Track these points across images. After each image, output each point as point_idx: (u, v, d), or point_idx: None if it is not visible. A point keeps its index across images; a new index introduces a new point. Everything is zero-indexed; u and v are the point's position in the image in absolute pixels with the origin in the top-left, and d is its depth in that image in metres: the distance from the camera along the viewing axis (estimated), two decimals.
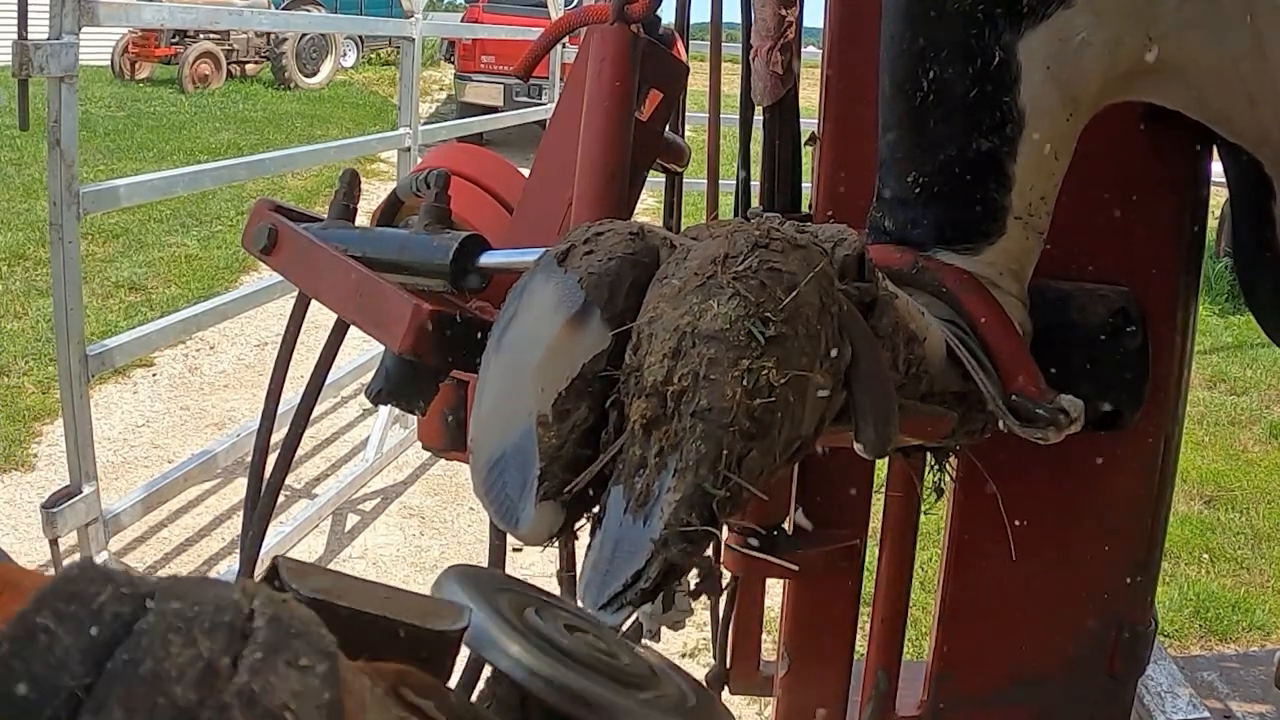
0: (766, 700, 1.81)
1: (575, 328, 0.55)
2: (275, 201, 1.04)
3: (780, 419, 0.51)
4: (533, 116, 6.45)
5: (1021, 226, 0.82)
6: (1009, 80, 0.77)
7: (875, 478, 1.14)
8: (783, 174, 1.19)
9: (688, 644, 2.88)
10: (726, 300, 0.51)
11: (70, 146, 2.34)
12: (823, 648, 1.16)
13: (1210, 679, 2.16)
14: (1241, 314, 5.93)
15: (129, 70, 12.53)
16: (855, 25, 1.03)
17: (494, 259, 0.91)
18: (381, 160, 8.52)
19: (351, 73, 15.19)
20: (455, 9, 19.37)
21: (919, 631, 1.90)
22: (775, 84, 1.16)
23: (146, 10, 3.18)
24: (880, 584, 1.14)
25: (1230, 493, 4.06)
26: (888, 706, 1.13)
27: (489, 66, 10.81)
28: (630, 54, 1.03)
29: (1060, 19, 0.76)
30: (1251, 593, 3.38)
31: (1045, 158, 0.81)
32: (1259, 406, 5.02)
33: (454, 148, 1.43)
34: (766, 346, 0.50)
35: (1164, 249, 1.02)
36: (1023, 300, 0.85)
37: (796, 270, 0.53)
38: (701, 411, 0.50)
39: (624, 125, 1.03)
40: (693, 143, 1.49)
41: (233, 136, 9.99)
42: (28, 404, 4.17)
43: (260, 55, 13.39)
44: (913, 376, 0.72)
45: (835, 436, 0.61)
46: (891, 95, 0.83)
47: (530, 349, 0.56)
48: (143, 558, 3.14)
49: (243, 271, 6.03)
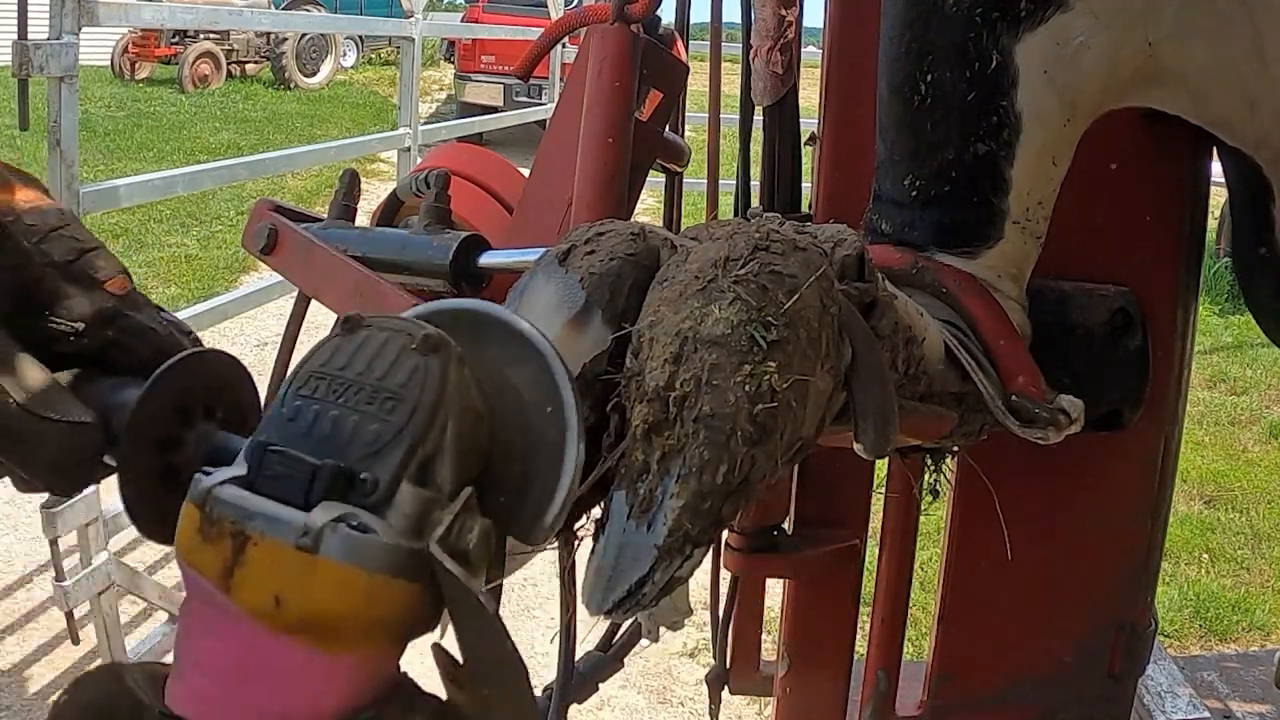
0: (766, 700, 1.81)
1: (576, 328, 0.55)
2: (275, 201, 1.04)
3: (782, 423, 0.51)
4: (533, 116, 6.46)
5: (1019, 231, 0.82)
6: (1006, 84, 0.77)
7: (875, 478, 1.14)
8: (783, 174, 1.19)
9: (688, 644, 2.88)
10: (728, 305, 0.51)
11: (70, 146, 2.35)
12: (823, 648, 1.16)
13: (1210, 679, 2.16)
14: (1241, 314, 5.93)
15: (129, 70, 12.53)
16: (855, 25, 1.03)
17: (494, 259, 0.91)
18: (381, 160, 8.52)
19: (351, 73, 15.18)
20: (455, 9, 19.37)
21: (919, 631, 1.90)
22: (775, 84, 1.16)
23: (146, 10, 3.18)
24: (880, 584, 1.14)
25: (1230, 493, 4.06)
26: (888, 706, 1.13)
27: (489, 66, 10.81)
28: (630, 54, 1.04)
29: (1058, 22, 0.76)
30: (1251, 593, 3.38)
31: (1043, 163, 0.81)
32: (1259, 406, 5.02)
33: (454, 148, 1.43)
34: (768, 351, 0.50)
35: (1164, 249, 1.02)
36: (1021, 303, 0.85)
37: (797, 273, 0.53)
38: (704, 417, 0.50)
39: (624, 125, 1.03)
40: (693, 143, 1.49)
41: (233, 136, 9.99)
42: None
43: (260, 55, 13.39)
44: (912, 377, 0.72)
45: (835, 436, 0.61)
46: (889, 98, 0.83)
47: None
48: (142, 558, 3.14)
49: (243, 271, 6.03)
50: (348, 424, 0.42)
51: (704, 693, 1.36)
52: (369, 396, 0.42)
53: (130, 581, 2.37)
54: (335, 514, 0.39)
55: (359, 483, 0.40)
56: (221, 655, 0.40)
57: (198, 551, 0.41)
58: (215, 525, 0.40)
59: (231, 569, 0.40)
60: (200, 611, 0.41)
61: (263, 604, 0.39)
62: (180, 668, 0.42)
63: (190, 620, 0.42)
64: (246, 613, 0.39)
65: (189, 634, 0.42)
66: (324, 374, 0.44)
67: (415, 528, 0.41)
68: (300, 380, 0.44)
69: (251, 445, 0.43)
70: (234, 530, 0.40)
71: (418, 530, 0.41)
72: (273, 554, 0.39)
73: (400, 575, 0.40)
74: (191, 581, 0.41)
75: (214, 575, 0.40)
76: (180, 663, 0.42)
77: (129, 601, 2.62)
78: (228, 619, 0.40)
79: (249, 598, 0.39)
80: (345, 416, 0.42)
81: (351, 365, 0.44)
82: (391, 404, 0.42)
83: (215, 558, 0.40)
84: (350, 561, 0.39)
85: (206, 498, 0.41)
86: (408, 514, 0.41)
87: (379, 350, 0.44)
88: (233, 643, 0.40)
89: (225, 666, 0.40)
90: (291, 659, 0.39)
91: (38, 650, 2.77)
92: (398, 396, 0.42)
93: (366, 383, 0.43)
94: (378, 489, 0.40)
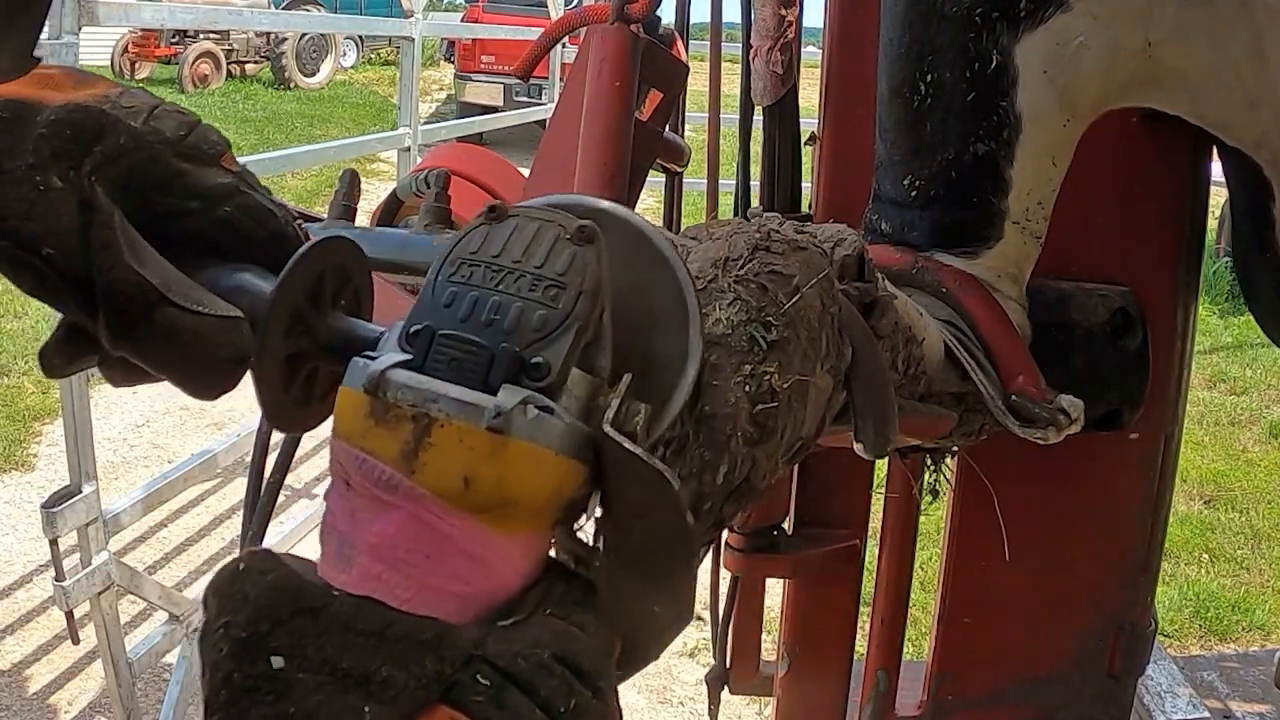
0: (766, 700, 1.81)
1: None
2: None
3: (783, 423, 0.51)
4: (533, 116, 6.45)
5: (1019, 231, 0.82)
6: (1006, 84, 0.77)
7: (875, 477, 1.14)
8: (783, 174, 1.19)
9: (688, 644, 2.88)
10: (728, 305, 0.51)
11: None
12: (823, 648, 1.16)
13: (1210, 679, 2.16)
14: (1241, 314, 5.93)
15: (129, 70, 12.52)
16: (855, 25, 1.03)
17: None
18: (381, 160, 8.52)
19: (351, 73, 15.18)
20: (455, 9, 19.37)
21: (919, 631, 1.90)
22: (775, 84, 1.17)
23: (146, 10, 3.18)
24: (880, 584, 1.14)
25: (1230, 493, 4.06)
26: (888, 706, 1.13)
27: (489, 66, 10.81)
28: (630, 54, 1.04)
29: (1058, 23, 0.76)
30: (1251, 593, 3.38)
31: (1043, 163, 0.81)
32: (1259, 406, 5.02)
33: (454, 148, 1.43)
34: (769, 351, 0.50)
35: (1164, 249, 1.02)
36: (1021, 303, 0.85)
37: (797, 273, 0.53)
38: (705, 417, 0.50)
39: (624, 125, 1.03)
40: (693, 143, 1.49)
41: (233, 136, 9.92)
42: (27, 404, 4.18)
43: (260, 55, 13.39)
44: (912, 376, 0.72)
45: (835, 436, 0.61)
46: (889, 98, 0.83)
47: None
48: (142, 558, 3.15)
49: None
50: (511, 309, 0.42)
51: (704, 693, 1.36)
52: (531, 283, 0.43)
53: (130, 581, 2.37)
54: (520, 397, 0.40)
55: (531, 367, 0.41)
56: (398, 538, 0.40)
57: (371, 435, 0.40)
58: (392, 409, 0.40)
59: (415, 451, 0.40)
60: (369, 495, 0.41)
61: (452, 485, 0.39)
62: (345, 553, 0.41)
63: (354, 504, 0.41)
64: (433, 494, 0.40)
65: (355, 518, 0.41)
66: (477, 260, 0.44)
67: (585, 411, 0.42)
68: (451, 265, 0.44)
69: (412, 329, 0.43)
70: (415, 413, 0.40)
71: (586, 414, 0.42)
72: (463, 435, 0.39)
73: (578, 456, 0.41)
74: (360, 465, 0.41)
75: (393, 458, 0.40)
76: (344, 548, 0.41)
77: (129, 601, 2.61)
78: (409, 501, 0.40)
79: (436, 479, 0.40)
80: (508, 302, 0.42)
81: (507, 252, 0.44)
82: (554, 291, 0.42)
83: (393, 440, 0.40)
84: (540, 443, 0.40)
85: (380, 381, 0.41)
86: (579, 397, 0.42)
87: (533, 238, 0.44)
88: (412, 525, 0.40)
89: (403, 549, 0.40)
90: (475, 540, 0.40)
91: (38, 650, 2.77)
92: (559, 283, 0.42)
93: (525, 269, 0.43)
94: (551, 373, 0.41)
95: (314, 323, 0.49)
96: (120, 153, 0.50)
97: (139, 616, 2.85)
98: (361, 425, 0.41)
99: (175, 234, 0.53)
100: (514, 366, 0.41)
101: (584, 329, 0.42)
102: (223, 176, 0.55)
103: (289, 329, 0.48)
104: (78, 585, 2.19)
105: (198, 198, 0.53)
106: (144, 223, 0.51)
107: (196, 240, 0.53)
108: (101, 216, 0.48)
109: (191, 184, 0.53)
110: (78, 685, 2.67)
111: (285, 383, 0.49)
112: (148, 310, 0.48)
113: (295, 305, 0.48)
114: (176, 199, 0.53)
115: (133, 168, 0.51)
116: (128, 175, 0.51)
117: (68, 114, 0.49)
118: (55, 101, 0.50)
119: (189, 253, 0.53)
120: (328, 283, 0.50)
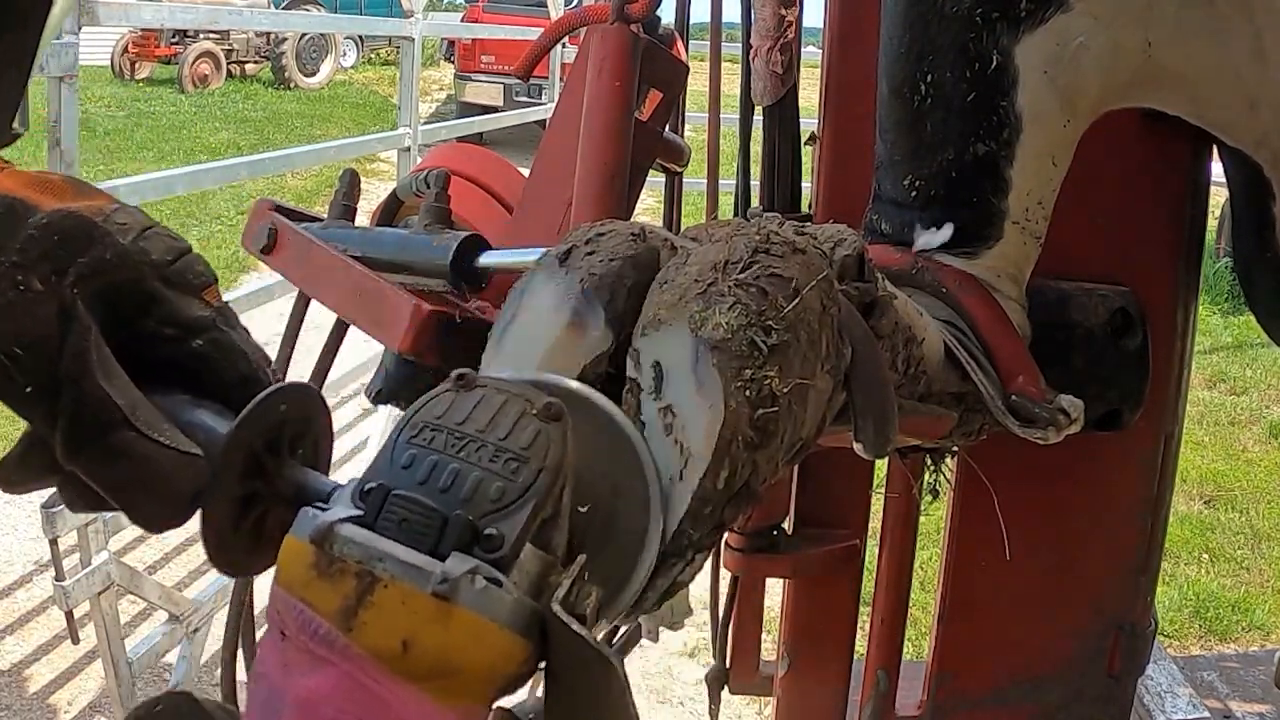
0: (766, 700, 1.81)
1: (577, 329, 0.55)
2: (275, 201, 1.03)
3: (783, 426, 0.51)
4: (533, 116, 6.45)
5: (1019, 231, 0.82)
6: (1006, 84, 0.77)
7: (875, 477, 1.14)
8: (783, 174, 1.19)
9: (688, 644, 2.89)
10: (728, 309, 0.51)
11: (70, 146, 2.34)
12: (823, 648, 1.16)
13: (1210, 679, 2.16)
14: (1241, 314, 5.93)
15: (129, 70, 12.52)
16: (855, 25, 1.03)
17: (494, 259, 0.91)
18: (381, 160, 8.51)
19: (351, 73, 15.18)
20: (455, 9, 19.36)
21: (919, 631, 1.90)
22: (775, 84, 1.17)
23: (146, 10, 3.18)
24: (880, 584, 1.14)
25: (1230, 493, 4.06)
26: (888, 706, 1.13)
27: (489, 66, 10.81)
28: (630, 54, 1.03)
29: (1058, 23, 0.76)
30: (1251, 593, 3.38)
31: (1043, 163, 0.81)
32: (1259, 406, 5.02)
33: (454, 148, 1.43)
34: (769, 355, 0.50)
35: (1164, 249, 1.02)
36: (1021, 303, 0.85)
37: (797, 275, 0.53)
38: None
39: (624, 125, 1.03)
40: (693, 143, 1.49)
41: (233, 136, 9.99)
42: None
43: (260, 55, 13.38)
44: (911, 377, 0.72)
45: (835, 436, 0.61)
46: (889, 98, 0.83)
47: (531, 349, 0.56)
48: (142, 558, 3.14)
49: (243, 271, 6.03)
50: (470, 478, 0.42)
51: (704, 693, 1.36)
52: (493, 454, 0.43)
53: (130, 581, 2.37)
54: (469, 565, 0.39)
55: (484, 538, 0.41)
56: (330, 696, 0.39)
57: (313, 587, 0.40)
58: (336, 563, 0.40)
59: (355, 609, 0.39)
60: (304, 648, 0.40)
61: (389, 647, 0.39)
62: (272, 704, 0.41)
63: (287, 656, 0.41)
64: (369, 655, 0.39)
65: (287, 670, 0.41)
66: (440, 426, 0.44)
67: (535, 588, 0.41)
68: (413, 429, 0.44)
69: (365, 487, 0.43)
70: (360, 570, 0.40)
71: (537, 590, 0.41)
72: (406, 598, 0.39)
73: (523, 633, 0.40)
74: (298, 616, 0.40)
75: (332, 613, 0.40)
76: (272, 699, 0.41)
77: (129, 601, 2.61)
78: (343, 660, 0.39)
79: (374, 640, 0.39)
80: (468, 470, 0.42)
81: (472, 420, 0.44)
82: (515, 464, 0.42)
83: (334, 595, 0.40)
84: (485, 614, 0.39)
85: (328, 533, 0.41)
86: (530, 573, 0.41)
87: (499, 410, 0.44)
88: (344, 684, 0.39)
89: (333, 709, 0.39)
90: (408, 707, 0.39)
91: (38, 650, 2.77)
92: (521, 457, 0.42)
93: (488, 440, 0.43)
94: (504, 546, 0.41)
95: (270, 469, 0.50)
96: (105, 268, 0.50)
97: (139, 616, 2.85)
98: (304, 575, 0.41)
99: (147, 356, 0.53)
100: (467, 534, 0.41)
101: (542, 505, 0.42)
102: (203, 309, 0.55)
103: (243, 473, 0.49)
104: (78, 585, 2.19)
105: (174, 325, 0.53)
106: (118, 340, 0.51)
107: (166, 367, 0.53)
108: (78, 326, 0.48)
109: (170, 311, 0.53)
110: (78, 685, 2.67)
111: (234, 525, 0.49)
112: (108, 429, 0.48)
113: (251, 449, 0.49)
114: (153, 323, 0.53)
115: (115, 285, 0.51)
116: (109, 291, 0.51)
117: (60, 220, 0.49)
118: (50, 206, 0.50)
119: (156, 377, 0.53)
120: (287, 430, 0.51)
